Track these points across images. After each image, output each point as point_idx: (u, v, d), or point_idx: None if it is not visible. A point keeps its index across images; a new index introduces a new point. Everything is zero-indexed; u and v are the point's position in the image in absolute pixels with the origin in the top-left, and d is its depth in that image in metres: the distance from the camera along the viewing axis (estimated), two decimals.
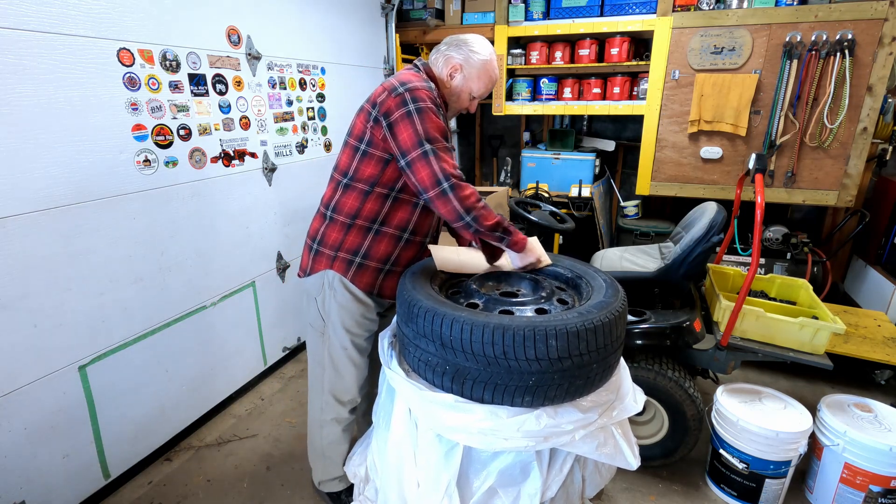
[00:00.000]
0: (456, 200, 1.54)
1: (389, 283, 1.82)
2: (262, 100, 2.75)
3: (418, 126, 1.55)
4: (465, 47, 1.73)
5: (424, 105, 1.57)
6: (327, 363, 1.88)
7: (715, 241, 2.17)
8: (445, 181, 1.53)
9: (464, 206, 1.55)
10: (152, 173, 2.18)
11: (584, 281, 1.62)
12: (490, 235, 1.62)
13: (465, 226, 1.58)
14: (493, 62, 1.76)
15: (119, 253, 2.09)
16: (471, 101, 1.80)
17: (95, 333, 2.04)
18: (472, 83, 1.75)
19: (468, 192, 1.56)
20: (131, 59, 2.04)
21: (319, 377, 1.93)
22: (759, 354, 2.16)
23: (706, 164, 3.46)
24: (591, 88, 3.78)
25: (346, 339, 1.84)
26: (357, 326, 1.84)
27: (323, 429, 1.96)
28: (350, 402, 1.94)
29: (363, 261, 1.76)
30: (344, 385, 1.90)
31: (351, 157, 1.72)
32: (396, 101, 1.58)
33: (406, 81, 1.61)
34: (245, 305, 2.82)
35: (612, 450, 1.41)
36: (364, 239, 1.75)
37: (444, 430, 1.37)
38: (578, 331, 1.26)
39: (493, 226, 1.60)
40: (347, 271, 1.77)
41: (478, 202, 1.57)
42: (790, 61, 3.06)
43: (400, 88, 1.59)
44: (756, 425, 2.00)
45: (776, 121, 3.18)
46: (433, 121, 1.57)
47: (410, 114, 1.56)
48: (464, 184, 1.57)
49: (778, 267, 3.40)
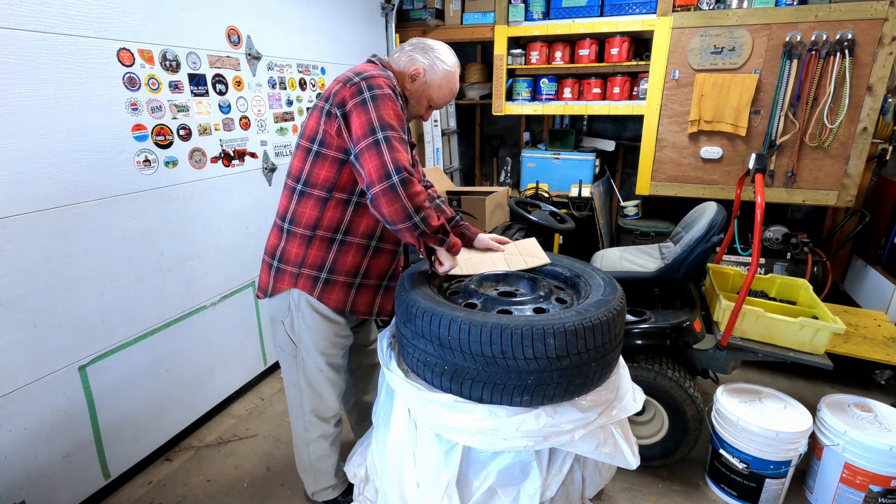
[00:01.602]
0: (406, 198, 1.39)
1: (362, 299, 1.71)
2: (262, 100, 2.75)
3: (372, 113, 1.43)
4: (432, 53, 1.65)
5: (381, 92, 1.46)
6: (304, 385, 1.81)
7: (715, 241, 2.16)
8: (396, 174, 1.38)
9: (413, 205, 1.41)
10: (152, 173, 2.18)
11: (582, 280, 1.62)
12: (433, 238, 1.50)
13: (412, 227, 1.43)
14: (455, 74, 1.68)
15: (119, 253, 2.09)
16: (427, 109, 1.72)
17: (95, 333, 2.04)
18: (433, 91, 1.67)
19: (418, 189, 1.42)
20: (131, 59, 2.05)
21: (298, 399, 1.84)
22: (759, 354, 2.16)
23: (706, 164, 3.45)
24: (591, 88, 3.78)
25: (321, 360, 1.76)
26: (331, 346, 1.76)
27: (310, 446, 1.91)
28: (333, 417, 1.90)
29: (329, 276, 1.64)
30: (324, 404, 1.84)
31: (303, 161, 1.59)
32: (352, 90, 1.47)
33: (361, 71, 1.52)
34: (245, 305, 2.82)
35: (611, 449, 1.41)
36: (328, 252, 1.62)
37: (444, 430, 1.37)
38: (576, 329, 1.26)
39: (438, 227, 1.49)
40: (314, 289, 1.64)
41: (426, 202, 1.45)
42: (790, 61, 3.06)
43: (355, 78, 1.49)
44: (756, 425, 2.00)
45: (776, 121, 3.18)
46: (390, 107, 1.46)
47: (365, 101, 1.45)
48: (413, 180, 1.42)
49: (778, 267, 3.39)
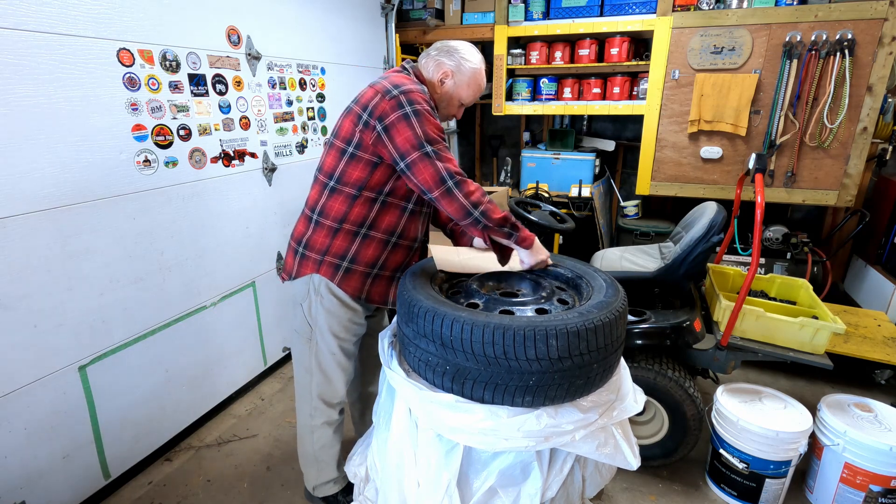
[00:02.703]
0: (462, 197, 1.54)
1: (377, 289, 1.81)
2: (262, 100, 2.75)
3: (417, 128, 1.54)
4: (457, 55, 1.73)
5: (421, 107, 1.56)
6: (315, 369, 1.88)
7: (715, 241, 2.16)
8: (450, 179, 1.53)
9: (471, 202, 1.55)
10: (152, 173, 2.18)
11: (584, 281, 1.62)
12: (498, 231, 1.61)
13: (474, 221, 1.57)
14: (482, 71, 1.76)
15: (119, 253, 2.09)
16: (458, 107, 1.81)
17: (95, 333, 2.04)
18: (462, 90, 1.75)
19: (473, 188, 1.56)
20: (131, 59, 2.04)
21: (307, 383, 1.92)
22: (759, 354, 2.16)
23: (706, 164, 3.46)
24: (591, 88, 3.78)
25: (334, 344, 1.83)
26: (345, 331, 1.83)
27: (314, 433, 1.96)
28: (339, 403, 1.95)
29: (350, 265, 1.74)
30: (332, 389, 1.91)
31: (337, 160, 1.69)
32: (391, 103, 1.56)
33: (399, 84, 1.60)
34: (245, 305, 2.82)
35: (612, 450, 1.41)
36: (351, 243, 1.73)
37: (445, 430, 1.37)
38: (579, 331, 1.26)
39: (501, 220, 1.59)
40: (334, 276, 1.75)
41: (483, 197, 1.57)
42: (790, 61, 3.06)
43: (394, 91, 1.57)
44: (756, 425, 2.00)
45: (776, 120, 3.18)
46: (431, 122, 1.57)
47: (408, 116, 1.55)
48: (468, 180, 1.57)
49: (778, 267, 3.40)
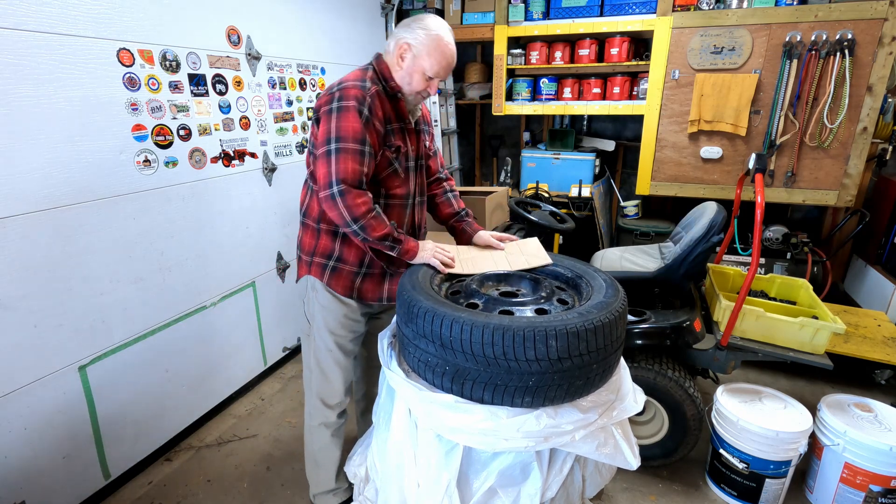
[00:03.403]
0: (343, 207, 1.53)
1: (368, 286, 1.81)
2: (262, 100, 2.75)
3: (332, 123, 1.55)
4: (415, 24, 1.66)
5: (346, 104, 1.56)
6: (314, 366, 1.88)
7: (715, 241, 2.16)
8: (336, 185, 1.53)
9: (351, 214, 1.54)
10: (152, 173, 2.18)
11: (584, 281, 1.61)
12: (380, 245, 1.63)
13: (353, 233, 1.60)
14: (444, 38, 1.64)
15: (119, 253, 2.09)
16: (428, 81, 1.68)
17: (95, 333, 2.04)
18: (423, 61, 1.64)
19: (359, 202, 1.54)
20: (131, 59, 2.04)
21: (308, 381, 1.93)
22: (759, 354, 2.16)
23: (706, 164, 3.45)
24: (591, 88, 3.78)
25: (329, 340, 1.83)
26: (341, 327, 1.83)
27: (313, 434, 1.96)
28: (338, 405, 1.93)
29: (337, 264, 1.76)
30: (331, 388, 1.89)
31: (309, 161, 1.75)
32: (326, 98, 1.60)
33: (343, 80, 1.63)
34: (245, 305, 2.82)
35: (612, 450, 1.41)
36: (333, 242, 1.75)
37: (444, 430, 1.37)
38: (578, 331, 1.26)
39: (381, 237, 1.60)
40: (323, 275, 1.77)
41: (368, 212, 1.56)
42: (790, 61, 3.06)
43: (334, 87, 1.61)
44: (756, 425, 2.00)
45: (776, 120, 3.17)
46: (349, 120, 1.55)
47: (331, 111, 1.57)
48: (357, 191, 1.55)
49: (778, 267, 3.39)
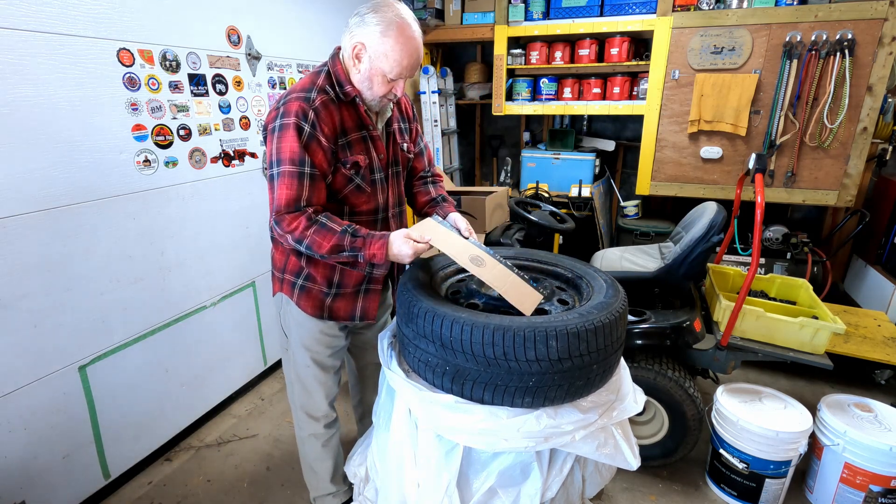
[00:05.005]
0: (281, 234, 1.48)
1: (340, 305, 1.70)
2: (262, 100, 2.75)
3: (273, 145, 1.47)
4: (371, 17, 1.43)
5: (286, 121, 1.45)
6: (294, 380, 1.83)
7: (715, 241, 2.16)
8: (275, 213, 1.48)
9: (293, 238, 1.47)
10: (152, 173, 2.18)
11: (584, 281, 1.62)
12: (338, 258, 1.50)
13: (304, 253, 1.54)
14: (405, 32, 1.42)
15: (119, 253, 2.09)
16: (389, 83, 1.49)
17: (95, 333, 2.04)
18: (382, 63, 1.44)
19: (294, 224, 1.46)
20: (131, 59, 2.04)
21: (291, 394, 1.88)
22: (759, 354, 2.16)
23: (706, 164, 3.45)
24: (591, 88, 3.77)
25: (306, 356, 1.77)
26: (316, 343, 1.75)
27: (305, 445, 1.93)
28: (324, 417, 1.87)
29: (305, 283, 1.67)
30: (313, 402, 1.84)
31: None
32: (272, 115, 1.52)
33: (290, 92, 1.51)
34: (245, 305, 2.82)
35: (612, 450, 1.41)
36: (300, 259, 1.65)
37: (445, 430, 1.37)
38: (579, 331, 1.26)
39: (333, 248, 1.46)
40: (293, 294, 1.69)
41: (307, 230, 1.45)
42: (790, 61, 3.06)
43: (281, 101, 1.51)
44: (756, 425, 2.00)
45: (776, 121, 3.17)
46: (287, 141, 1.45)
47: (274, 129, 1.48)
48: (290, 215, 1.46)
49: (778, 267, 3.39)
